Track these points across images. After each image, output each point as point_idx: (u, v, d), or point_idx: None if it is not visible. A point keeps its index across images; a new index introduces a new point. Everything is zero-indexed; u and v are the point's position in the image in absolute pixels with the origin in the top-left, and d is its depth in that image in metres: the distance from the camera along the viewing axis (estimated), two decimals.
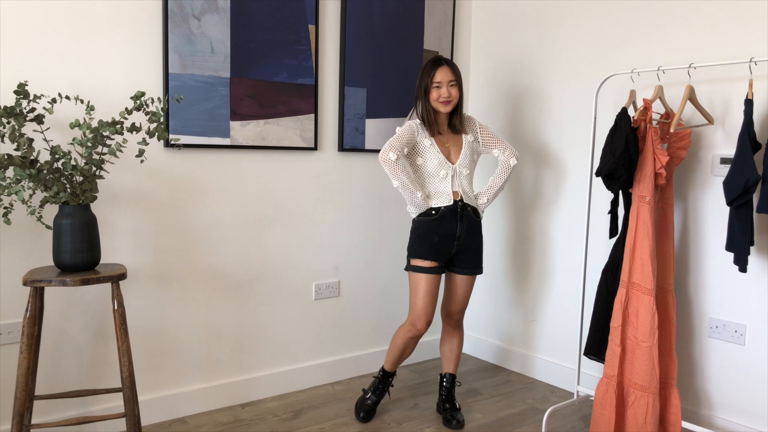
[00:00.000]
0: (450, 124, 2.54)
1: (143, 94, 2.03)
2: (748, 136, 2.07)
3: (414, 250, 2.49)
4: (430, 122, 2.49)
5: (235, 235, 2.68)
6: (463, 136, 2.54)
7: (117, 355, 2.40)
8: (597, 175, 2.32)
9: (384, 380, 2.65)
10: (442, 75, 2.45)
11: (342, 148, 2.93)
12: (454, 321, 2.66)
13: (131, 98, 2.05)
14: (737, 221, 2.12)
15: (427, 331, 2.54)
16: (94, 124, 2.21)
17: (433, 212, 2.47)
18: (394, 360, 2.62)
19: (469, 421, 2.62)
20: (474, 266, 2.56)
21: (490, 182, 2.59)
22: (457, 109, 2.52)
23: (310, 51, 2.78)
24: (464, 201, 2.49)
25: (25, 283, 1.92)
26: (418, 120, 2.51)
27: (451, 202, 2.46)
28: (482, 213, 2.59)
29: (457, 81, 2.47)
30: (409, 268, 2.51)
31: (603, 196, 2.71)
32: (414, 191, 2.43)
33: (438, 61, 2.48)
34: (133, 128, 2.05)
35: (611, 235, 2.45)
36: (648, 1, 2.59)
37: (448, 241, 2.47)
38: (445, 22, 3.25)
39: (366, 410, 2.61)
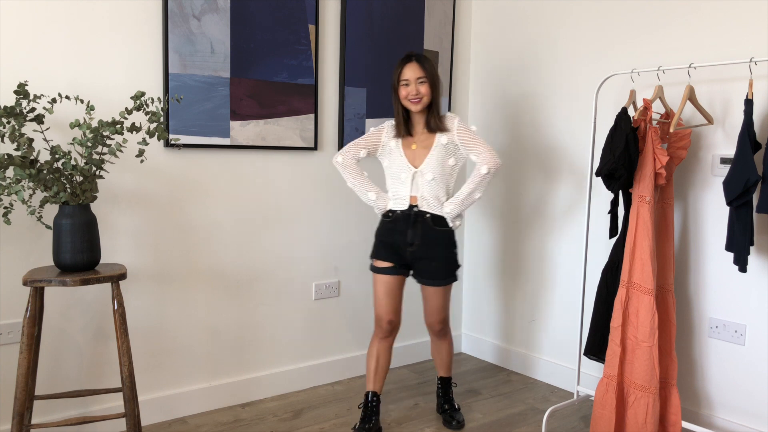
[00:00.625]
0: (426, 124, 2.39)
1: (143, 94, 2.03)
2: (748, 136, 2.07)
3: (372, 250, 2.47)
4: (399, 122, 2.39)
5: (235, 235, 2.68)
6: (437, 136, 2.37)
7: (117, 355, 2.40)
8: (597, 175, 2.32)
9: (372, 404, 2.47)
10: (409, 72, 2.33)
11: (342, 147, 2.93)
12: (435, 332, 2.55)
13: (131, 98, 2.05)
14: (737, 221, 2.12)
15: (393, 332, 2.48)
16: (94, 124, 2.21)
17: (390, 215, 2.42)
18: (372, 372, 2.48)
19: (469, 421, 2.62)
20: (435, 277, 2.40)
21: (460, 189, 2.39)
22: (431, 108, 2.37)
23: (310, 51, 2.78)
24: (420, 207, 2.37)
25: (25, 283, 1.92)
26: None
27: (406, 207, 2.38)
28: (452, 222, 2.40)
29: (428, 78, 2.32)
30: (370, 267, 2.48)
31: (603, 196, 2.71)
32: (365, 192, 2.41)
33: (407, 58, 2.36)
34: (133, 128, 2.05)
35: (611, 235, 2.45)
36: (648, 1, 2.59)
37: (401, 246, 2.39)
38: (445, 22, 3.25)
39: None
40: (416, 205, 2.37)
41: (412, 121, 2.42)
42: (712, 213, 2.41)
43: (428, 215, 2.37)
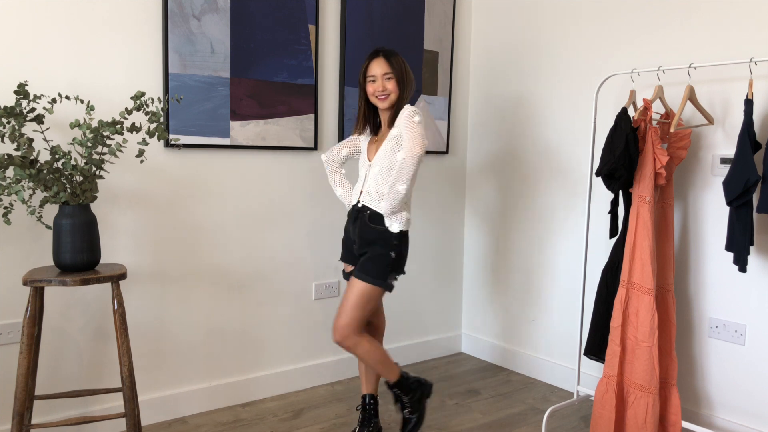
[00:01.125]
0: (390, 121, 2.26)
1: (143, 94, 2.03)
2: (748, 136, 2.07)
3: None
4: (358, 117, 2.33)
5: (235, 235, 2.68)
6: (391, 130, 2.22)
7: (117, 355, 2.40)
8: (597, 175, 2.32)
9: (370, 406, 2.43)
10: (376, 67, 2.21)
11: None
12: (335, 340, 2.21)
13: (131, 98, 2.05)
14: (737, 221, 2.12)
15: (375, 333, 2.44)
16: (94, 124, 2.21)
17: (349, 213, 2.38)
18: (363, 375, 2.43)
19: (469, 421, 2.62)
20: (360, 268, 2.19)
21: None
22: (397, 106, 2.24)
23: (310, 51, 2.78)
24: (363, 202, 2.25)
25: (25, 283, 1.92)
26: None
27: (354, 202, 2.31)
28: (388, 220, 2.18)
29: (395, 74, 2.20)
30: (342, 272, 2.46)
31: (603, 196, 2.71)
32: (335, 187, 2.42)
33: (374, 53, 2.25)
34: (133, 128, 2.05)
35: (611, 235, 2.45)
36: (648, 1, 2.59)
37: (351, 245, 2.32)
38: (445, 22, 3.25)
39: None
40: (359, 201, 2.27)
41: (381, 118, 2.32)
42: (712, 213, 2.41)
43: (368, 211, 2.22)
